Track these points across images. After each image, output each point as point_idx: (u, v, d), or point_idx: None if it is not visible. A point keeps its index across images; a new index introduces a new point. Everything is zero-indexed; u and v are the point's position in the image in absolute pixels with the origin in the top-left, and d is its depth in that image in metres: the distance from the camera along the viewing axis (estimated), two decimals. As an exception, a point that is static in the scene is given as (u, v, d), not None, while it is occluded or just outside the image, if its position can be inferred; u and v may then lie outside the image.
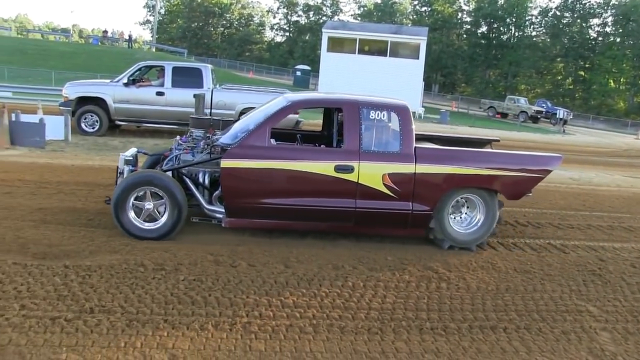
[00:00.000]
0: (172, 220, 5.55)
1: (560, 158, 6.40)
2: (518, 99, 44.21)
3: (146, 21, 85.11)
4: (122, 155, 6.00)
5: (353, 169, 5.66)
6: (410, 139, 5.85)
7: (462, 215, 6.19)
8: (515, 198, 6.39)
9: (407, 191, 5.79)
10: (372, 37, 37.41)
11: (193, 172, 5.82)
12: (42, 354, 3.33)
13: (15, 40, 52.11)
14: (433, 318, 4.26)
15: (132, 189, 5.49)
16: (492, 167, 5.95)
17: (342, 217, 5.84)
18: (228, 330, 3.80)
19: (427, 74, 46.27)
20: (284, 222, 5.89)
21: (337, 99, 6.34)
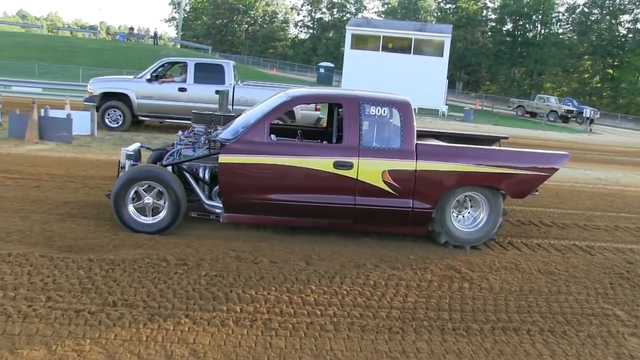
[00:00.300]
0: (171, 215, 5.56)
1: (567, 156, 6.24)
2: (548, 97, 43.24)
3: (171, 18, 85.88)
4: (123, 150, 6.06)
5: (352, 166, 5.60)
6: (411, 135, 5.77)
7: (466, 214, 6.09)
8: (519, 197, 6.26)
9: (408, 188, 5.71)
10: (396, 34, 37.24)
11: (193, 167, 5.84)
12: (66, 345, 3.38)
13: (46, 38, 53.07)
14: (455, 318, 4.21)
15: (131, 183, 5.52)
16: (495, 164, 5.84)
17: (340, 213, 5.78)
18: (249, 326, 3.80)
19: (451, 71, 45.85)
20: (282, 218, 5.85)
21: (337, 94, 6.33)
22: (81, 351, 3.33)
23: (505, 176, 5.87)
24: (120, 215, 5.57)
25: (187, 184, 5.79)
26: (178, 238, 5.50)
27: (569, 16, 63.84)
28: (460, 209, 6.08)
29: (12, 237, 5.17)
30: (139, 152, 6.26)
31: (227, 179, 5.58)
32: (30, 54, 41.58)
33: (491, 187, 5.93)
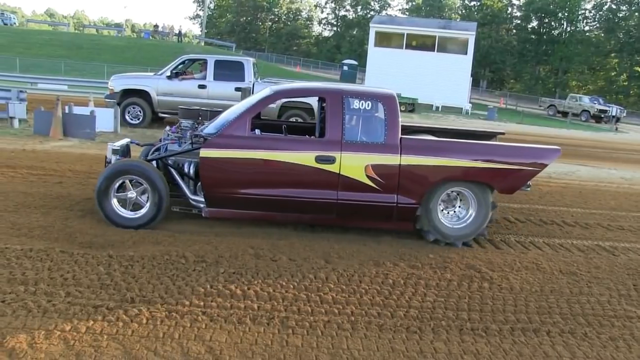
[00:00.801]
0: (154, 209, 5.58)
1: (558, 151, 6.06)
2: (581, 97, 41.82)
3: (196, 16, 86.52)
4: (109, 145, 6.10)
5: (334, 160, 5.53)
6: (396, 129, 5.66)
7: (454, 210, 5.98)
8: (508, 192, 6.15)
9: (392, 183, 5.62)
10: (420, 32, 37.01)
11: (179, 162, 5.83)
12: (84, 341, 3.41)
13: (72, 36, 53.89)
14: (474, 318, 4.15)
15: (114, 177, 5.56)
16: (481, 159, 5.71)
17: (323, 209, 5.71)
18: (266, 324, 3.80)
19: (475, 69, 45.36)
20: (264, 213, 5.80)
21: (320, 88, 6.27)
22: (98, 347, 3.36)
23: (492, 171, 5.74)
24: (103, 209, 5.61)
25: (172, 179, 5.80)
26: (197, 235, 5.52)
27: (595, 13, 62.61)
28: (449, 205, 5.98)
29: (34, 233, 5.26)
30: (127, 147, 6.29)
31: (208, 174, 5.57)
32: (57, 51, 42.31)
33: (479, 183, 5.80)
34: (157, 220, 5.64)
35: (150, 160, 5.91)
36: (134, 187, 5.61)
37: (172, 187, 5.81)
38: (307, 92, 6.87)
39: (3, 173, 7.72)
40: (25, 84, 22.24)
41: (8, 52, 38.92)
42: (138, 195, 5.63)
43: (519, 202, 8.41)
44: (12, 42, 43.61)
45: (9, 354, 3.24)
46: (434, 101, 34.08)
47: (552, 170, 12.41)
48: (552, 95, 52.86)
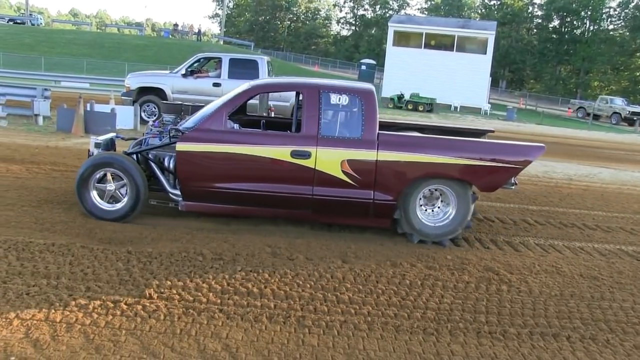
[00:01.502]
0: (131, 202, 5.62)
1: (542, 148, 5.93)
2: (612, 99, 40.08)
3: (215, 15, 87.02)
4: (92, 139, 6.16)
5: (310, 155, 5.50)
6: (373, 125, 5.60)
7: (435, 208, 5.89)
8: (489, 190, 6.06)
9: (368, 179, 5.56)
10: (439, 31, 36.75)
11: (160, 156, 5.84)
12: (103, 335, 3.45)
13: (94, 35, 54.55)
14: (492, 321, 4.11)
15: (94, 170, 5.62)
16: (461, 156, 5.60)
17: (298, 204, 5.67)
18: (282, 323, 3.80)
19: (494, 69, 44.97)
20: (240, 208, 5.77)
21: (297, 82, 6.20)
22: (117, 341, 3.40)
23: (471, 168, 5.64)
24: (83, 200, 5.67)
25: (153, 172, 5.85)
26: (214, 233, 5.56)
27: (620, 11, 61.44)
28: (429, 203, 5.89)
29: (56, 228, 5.35)
30: (111, 141, 6.32)
31: (184, 167, 5.59)
32: (80, 50, 42.88)
33: (458, 180, 5.71)
34: (135, 212, 5.69)
35: (130, 153, 5.95)
36: (115, 181, 5.67)
37: (154, 180, 5.87)
38: (285, 87, 6.84)
39: (28, 169, 7.86)
40: (49, 82, 22.52)
41: (34, 51, 39.60)
42: (117, 188, 5.68)
43: (538, 204, 8.33)
44: (37, 42, 44.30)
45: (33, 344, 3.32)
46: (453, 101, 33.88)
47: (572, 172, 12.29)
48: (573, 96, 52.13)
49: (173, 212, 5.96)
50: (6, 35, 45.65)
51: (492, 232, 6.62)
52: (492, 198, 8.48)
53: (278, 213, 5.84)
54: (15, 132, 11.52)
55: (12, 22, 60.14)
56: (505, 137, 18.75)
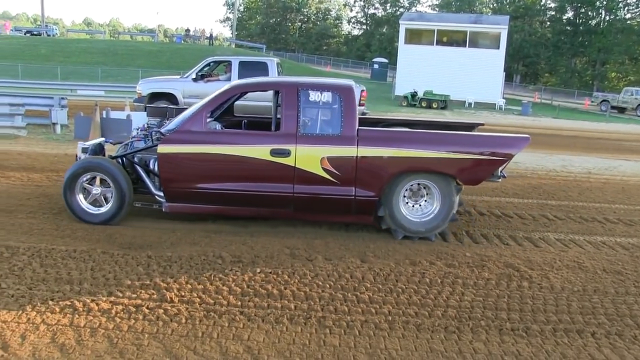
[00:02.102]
0: (116, 205, 5.68)
1: (527, 139, 5.83)
2: (637, 90, 38.47)
3: (226, 19, 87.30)
4: (79, 144, 6.23)
5: (290, 153, 5.48)
6: (353, 121, 5.57)
7: (421, 203, 5.83)
8: (473, 183, 5.98)
9: (349, 176, 5.52)
10: (451, 27, 36.59)
11: (145, 159, 5.88)
12: (126, 339, 3.49)
13: (108, 43, 55.10)
14: (514, 318, 4.07)
15: (79, 174, 5.69)
16: (441, 149, 5.55)
17: (280, 202, 5.67)
18: (303, 324, 3.81)
19: (507, 64, 44.59)
20: (223, 208, 5.79)
21: (276, 81, 6.30)
22: (140, 345, 3.43)
23: (453, 161, 5.58)
24: (70, 204, 5.75)
25: (139, 175, 5.90)
26: (233, 235, 5.58)
27: (638, 0, 60.39)
28: (415, 198, 5.83)
29: (77, 235, 5.42)
30: (99, 146, 6.38)
31: (165, 169, 5.63)
32: (94, 58, 43.34)
33: (440, 174, 5.65)
34: (121, 215, 5.75)
35: (116, 157, 6.01)
36: (100, 185, 5.73)
37: (141, 183, 5.92)
38: (264, 86, 6.85)
39: (48, 177, 7.98)
40: (65, 91, 22.83)
41: (50, 61, 40.18)
42: (103, 191, 5.75)
43: (557, 199, 8.25)
44: (53, 52, 44.90)
45: (60, 349, 3.37)
46: (467, 98, 33.67)
47: (591, 165, 12.16)
48: (589, 89, 51.43)
49: (191, 217, 6.00)
50: (24, 47, 46.34)
51: (511, 228, 6.57)
52: (509, 194, 8.44)
53: (260, 212, 5.85)
54: (35, 141, 11.69)
55: (29, 34, 61.14)
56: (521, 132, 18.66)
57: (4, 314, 3.74)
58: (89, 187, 5.74)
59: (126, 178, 5.69)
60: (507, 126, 21.59)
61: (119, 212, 5.71)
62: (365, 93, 13.19)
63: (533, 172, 10.86)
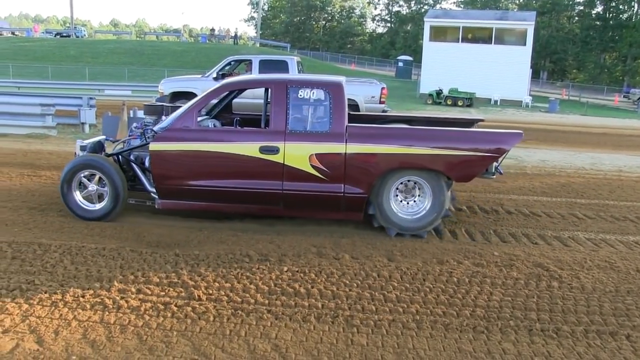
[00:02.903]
0: (111, 202, 5.78)
1: (520, 135, 5.73)
2: None
3: (250, 18, 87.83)
4: (78, 142, 6.33)
5: (278, 150, 5.49)
6: (342, 118, 5.53)
7: (415, 200, 5.77)
8: (464, 180, 5.92)
9: (338, 172, 5.50)
10: (476, 24, 36.14)
11: (141, 156, 5.95)
12: (155, 337, 3.53)
13: (134, 43, 55.77)
14: (543, 319, 4.00)
15: (75, 171, 5.79)
16: (430, 145, 5.50)
17: (269, 199, 5.67)
18: (330, 322, 3.81)
19: (534, 60, 43.90)
20: (214, 205, 5.83)
21: (265, 78, 6.30)
22: (169, 342, 3.46)
23: (442, 158, 5.51)
24: (67, 201, 5.86)
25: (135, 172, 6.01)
26: (260, 234, 5.61)
27: (673, -9, 58.60)
28: (407, 195, 5.78)
29: (106, 233, 5.50)
30: (98, 144, 6.46)
31: (157, 166, 5.70)
32: (121, 59, 43.97)
33: (430, 170, 5.60)
34: (116, 212, 5.85)
35: (111, 155, 6.12)
36: (100, 182, 5.84)
37: (137, 180, 6.03)
38: (254, 84, 6.85)
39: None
40: (93, 91, 23.23)
41: (78, 62, 40.96)
42: (98, 188, 5.85)
43: (587, 198, 8.10)
44: (81, 53, 45.71)
45: (91, 345, 3.43)
46: (492, 95, 33.29)
47: (622, 163, 11.92)
48: (619, 85, 50.31)
49: (218, 215, 6.04)
50: (54, 48, 47.26)
51: (540, 227, 6.47)
52: (537, 192, 8.32)
53: (250, 209, 5.88)
54: (64, 140, 11.90)
55: (59, 36, 62.36)
56: (547, 130, 18.40)
57: (38, 309, 3.83)
58: (86, 182, 5.86)
59: (121, 175, 5.82)
60: (534, 123, 21.31)
61: (113, 208, 5.83)
62: (385, 91, 13.10)
63: (561, 170, 10.68)
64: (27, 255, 4.79)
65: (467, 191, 8.08)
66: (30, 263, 4.63)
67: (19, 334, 3.51)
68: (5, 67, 35.05)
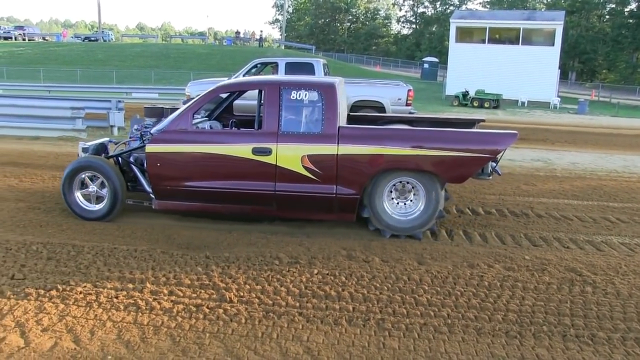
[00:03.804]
0: (110, 202, 5.91)
1: (514, 135, 5.63)
2: None
3: (275, 20, 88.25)
4: (80, 144, 6.46)
5: (270, 151, 5.52)
6: (334, 119, 5.52)
7: (411, 201, 5.73)
8: (457, 181, 5.85)
9: (329, 173, 5.50)
10: (503, 24, 35.74)
11: (141, 158, 6.04)
12: (188, 338, 3.57)
13: (160, 46, 56.59)
14: (578, 325, 3.93)
15: (76, 172, 5.94)
16: (422, 146, 5.46)
17: (262, 200, 5.70)
18: (361, 325, 3.80)
19: (562, 61, 43.23)
20: (209, 205, 5.89)
21: (259, 80, 6.32)
22: (202, 344, 3.50)
23: (434, 159, 5.47)
24: (68, 201, 6.01)
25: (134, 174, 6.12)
26: (289, 237, 5.64)
27: None
28: (402, 196, 5.76)
29: (137, 235, 5.59)
30: (102, 146, 6.57)
31: (154, 168, 5.80)
32: (148, 62, 44.59)
33: (423, 172, 5.56)
34: (115, 212, 5.98)
35: (111, 156, 6.24)
36: (100, 184, 5.98)
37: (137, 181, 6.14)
38: (247, 86, 6.85)
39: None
40: (121, 94, 23.59)
41: (106, 65, 41.64)
42: (98, 189, 5.99)
43: (619, 201, 7.95)
44: (109, 57, 46.52)
45: (125, 345, 3.49)
46: (520, 97, 32.86)
47: (655, 165, 11.64)
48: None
49: (246, 218, 6.08)
50: (83, 52, 48.16)
51: (571, 230, 6.36)
52: (568, 195, 8.20)
53: (244, 210, 5.92)
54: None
55: (87, 40, 63.52)
56: (576, 132, 18.08)
57: (73, 309, 3.91)
58: (88, 182, 6.01)
59: (119, 177, 5.96)
60: (563, 125, 20.98)
61: (112, 209, 5.96)
62: (412, 93, 13.03)
63: (592, 172, 10.50)
64: (62, 256, 4.89)
65: (496, 194, 8.00)
66: (65, 264, 4.73)
67: (57, 332, 3.59)
68: (37, 71, 35.87)
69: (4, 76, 35.53)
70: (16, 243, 5.16)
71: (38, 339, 3.49)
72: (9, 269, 4.58)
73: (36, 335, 3.53)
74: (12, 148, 11.04)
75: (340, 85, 6.03)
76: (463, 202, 7.42)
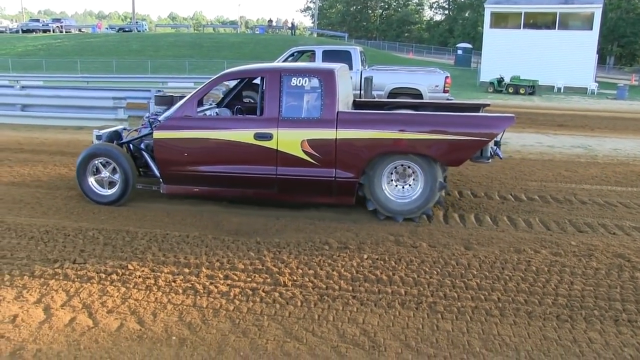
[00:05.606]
0: (122, 187, 6.16)
1: (511, 119, 5.61)
2: None
3: (307, 8, 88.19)
4: (94, 132, 6.67)
5: (271, 137, 5.68)
6: (333, 104, 5.64)
7: (408, 184, 5.81)
8: (454, 164, 5.88)
9: (329, 157, 5.64)
10: (539, 9, 34.95)
11: (151, 144, 6.23)
12: (247, 320, 3.71)
13: (193, 36, 56.96)
14: (629, 310, 3.95)
15: (89, 159, 6.27)
16: (419, 130, 5.53)
17: (264, 184, 5.88)
18: (414, 308, 3.89)
19: (600, 45, 42.11)
20: (213, 189, 6.14)
21: (261, 67, 6.51)
22: (261, 326, 3.64)
23: (430, 142, 5.54)
24: (82, 186, 6.34)
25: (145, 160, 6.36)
26: (336, 222, 5.75)
27: None
28: (401, 180, 5.84)
29: (187, 221, 5.77)
30: (115, 133, 6.74)
31: (161, 153, 6.08)
32: (181, 51, 45.00)
33: (420, 155, 5.61)
34: (126, 196, 6.26)
35: (123, 143, 6.50)
36: (112, 170, 6.23)
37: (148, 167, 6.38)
38: (249, 73, 6.97)
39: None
40: (157, 84, 23.90)
41: (141, 55, 42.23)
42: (110, 174, 6.24)
43: (666, 187, 7.81)
44: (143, 47, 47.09)
45: (187, 327, 3.65)
46: (556, 82, 32.20)
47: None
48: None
49: (293, 204, 6.19)
50: (118, 43, 48.88)
51: (617, 217, 6.31)
52: (611, 182, 8.10)
53: (246, 193, 6.12)
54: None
55: (121, 31, 64.46)
56: (616, 117, 17.68)
57: (134, 292, 4.09)
58: (101, 168, 6.27)
59: (130, 162, 6.21)
60: (601, 111, 20.54)
61: (124, 194, 6.22)
62: (449, 80, 12.99)
63: (635, 159, 10.31)
64: (117, 242, 5.10)
65: (538, 181, 7.97)
66: (122, 249, 4.93)
67: (122, 314, 3.77)
68: (74, 62, 36.59)
69: (43, 68, 36.38)
70: (73, 229, 5.40)
71: (105, 320, 3.68)
72: (69, 253, 4.81)
73: (103, 317, 3.73)
74: (59, 138, 11.42)
75: (341, 72, 6.17)
76: (505, 189, 7.41)
